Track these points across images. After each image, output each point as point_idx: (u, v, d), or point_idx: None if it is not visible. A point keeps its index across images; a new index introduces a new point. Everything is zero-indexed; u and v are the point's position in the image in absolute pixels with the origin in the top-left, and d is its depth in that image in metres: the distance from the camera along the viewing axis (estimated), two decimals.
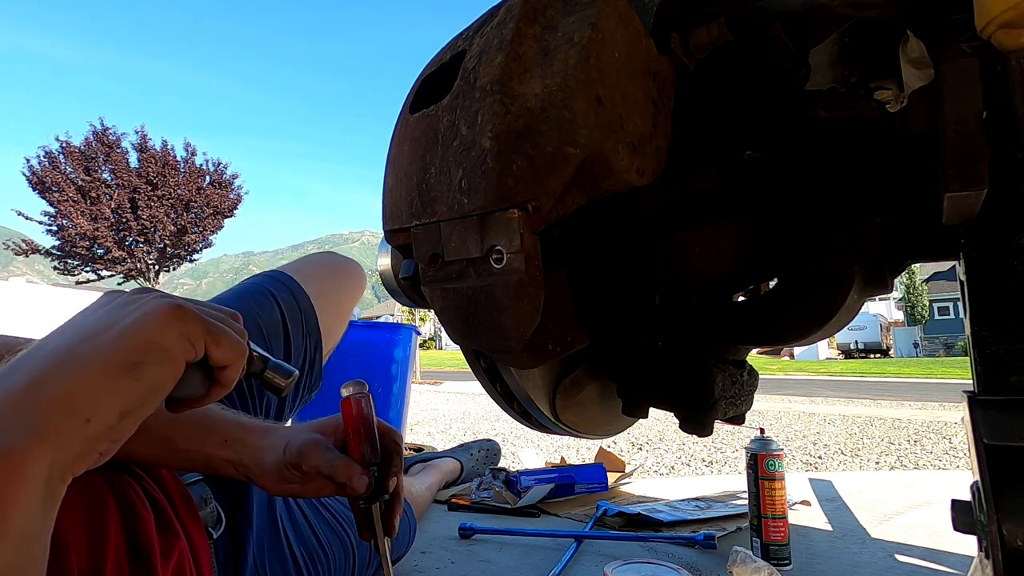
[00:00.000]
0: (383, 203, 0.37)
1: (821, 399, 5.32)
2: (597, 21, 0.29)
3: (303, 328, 0.82)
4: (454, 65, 0.33)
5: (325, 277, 0.91)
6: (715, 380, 0.43)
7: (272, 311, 0.79)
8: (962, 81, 0.30)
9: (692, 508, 1.28)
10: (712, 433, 0.44)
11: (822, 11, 0.33)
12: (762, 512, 0.98)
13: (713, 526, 1.16)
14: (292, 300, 0.83)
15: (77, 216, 17.22)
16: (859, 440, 2.74)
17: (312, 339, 0.84)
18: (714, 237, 0.45)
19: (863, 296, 0.41)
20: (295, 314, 0.82)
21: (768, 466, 0.99)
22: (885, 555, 1.04)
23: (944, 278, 31.09)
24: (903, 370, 11.27)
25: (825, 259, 0.40)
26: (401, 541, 0.93)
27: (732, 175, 0.45)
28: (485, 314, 0.31)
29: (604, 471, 1.47)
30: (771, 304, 0.44)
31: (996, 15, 0.26)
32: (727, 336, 0.46)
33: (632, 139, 0.30)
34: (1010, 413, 0.33)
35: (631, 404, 0.48)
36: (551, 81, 0.28)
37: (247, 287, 0.83)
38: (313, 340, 0.84)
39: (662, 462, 2.18)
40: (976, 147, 0.29)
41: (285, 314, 0.80)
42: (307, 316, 0.84)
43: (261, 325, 0.77)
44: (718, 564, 0.99)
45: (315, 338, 0.85)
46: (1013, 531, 0.31)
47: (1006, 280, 0.34)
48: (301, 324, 0.82)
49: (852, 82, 0.57)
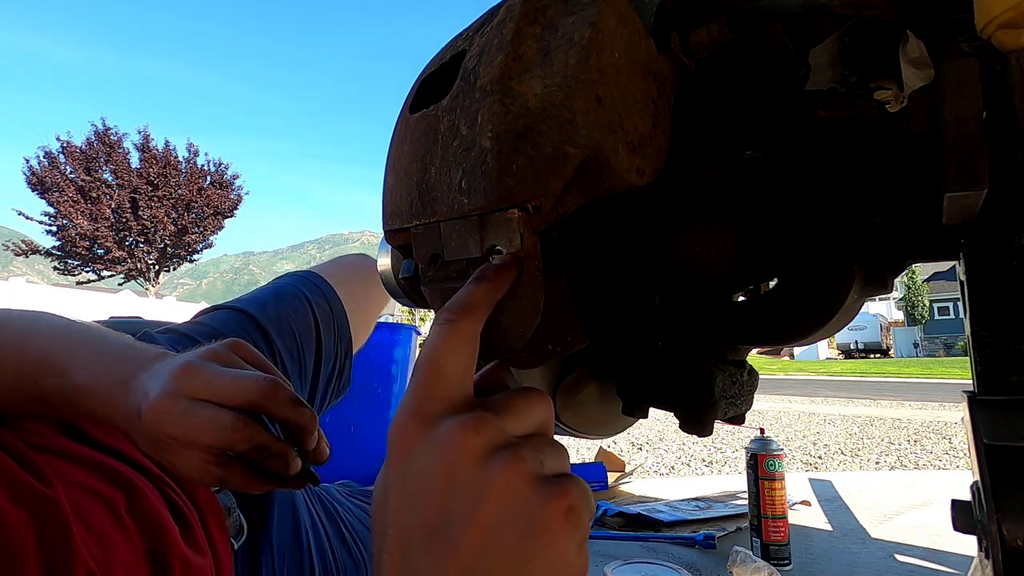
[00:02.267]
0: (383, 203, 0.37)
1: (821, 399, 5.32)
2: (597, 21, 0.29)
3: (335, 333, 0.82)
4: (454, 65, 0.33)
5: (356, 281, 0.90)
6: (715, 380, 0.43)
7: (306, 314, 0.78)
8: (962, 81, 0.30)
9: (692, 508, 1.28)
10: (712, 433, 0.44)
11: (822, 11, 0.33)
12: (762, 512, 0.98)
13: (713, 526, 1.16)
14: (325, 304, 0.82)
15: (77, 216, 17.23)
16: (859, 440, 2.74)
17: (344, 344, 0.83)
18: (714, 237, 0.45)
19: (863, 296, 0.41)
20: (327, 318, 0.81)
21: (768, 466, 0.99)
22: (885, 555, 1.04)
23: (944, 278, 31.10)
24: (903, 370, 11.27)
25: (825, 259, 0.40)
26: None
27: (732, 175, 0.45)
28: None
29: (604, 470, 1.47)
30: (771, 304, 0.44)
31: (996, 15, 0.26)
32: (727, 336, 0.46)
33: (632, 139, 0.30)
34: (1010, 413, 0.33)
35: (631, 404, 0.48)
36: (551, 81, 0.28)
37: (282, 287, 0.82)
38: (344, 346, 0.83)
39: (662, 462, 2.18)
40: (976, 147, 0.29)
41: (318, 318, 0.79)
42: (339, 321, 0.83)
43: (295, 328, 0.76)
44: (718, 564, 0.99)
45: (346, 344, 0.84)
46: (1013, 531, 0.31)
47: (1006, 280, 0.34)
48: (333, 329, 0.81)
49: (852, 82, 0.57)
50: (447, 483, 0.24)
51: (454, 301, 0.28)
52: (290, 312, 0.77)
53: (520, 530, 0.24)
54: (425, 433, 0.25)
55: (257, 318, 0.74)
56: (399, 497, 0.25)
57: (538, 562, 0.24)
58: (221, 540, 0.49)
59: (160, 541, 0.42)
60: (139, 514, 0.42)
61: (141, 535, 0.41)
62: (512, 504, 0.24)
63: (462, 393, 0.27)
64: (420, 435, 0.25)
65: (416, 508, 0.24)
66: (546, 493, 0.24)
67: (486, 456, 0.24)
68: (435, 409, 0.26)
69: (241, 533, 0.54)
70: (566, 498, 0.24)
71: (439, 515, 0.24)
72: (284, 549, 0.60)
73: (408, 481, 0.25)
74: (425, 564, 0.23)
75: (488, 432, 0.25)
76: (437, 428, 0.25)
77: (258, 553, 0.56)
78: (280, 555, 0.59)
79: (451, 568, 0.23)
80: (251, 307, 0.76)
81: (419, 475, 0.24)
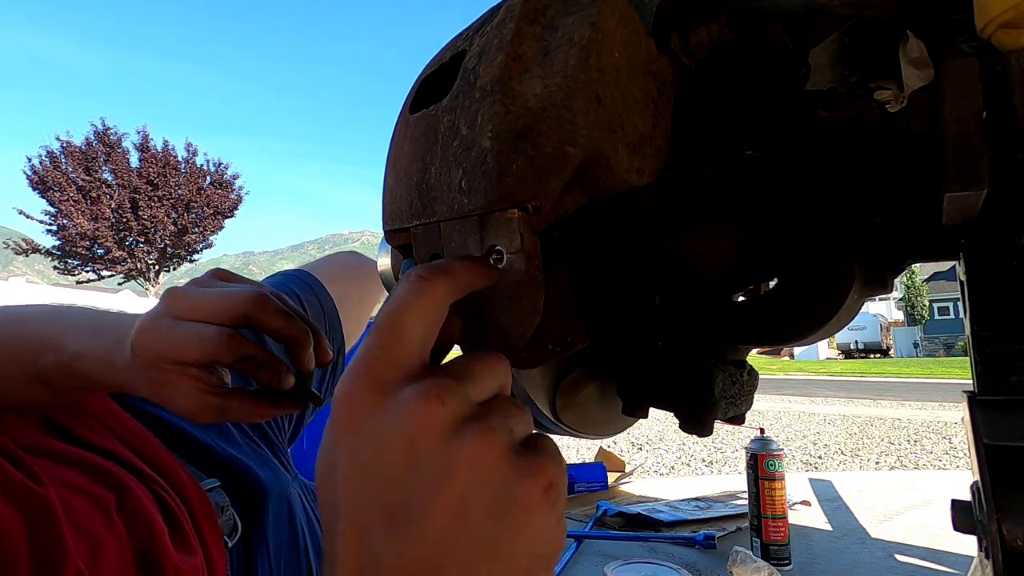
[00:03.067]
0: (383, 203, 0.37)
1: (821, 399, 5.32)
2: (597, 21, 0.28)
3: (327, 331, 0.80)
4: (454, 65, 0.33)
5: (348, 279, 0.89)
6: (715, 380, 0.43)
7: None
8: (962, 81, 0.30)
9: (692, 508, 1.28)
10: (712, 433, 0.44)
11: (822, 11, 0.33)
12: (762, 512, 0.98)
13: (713, 526, 1.16)
14: (317, 302, 0.81)
15: (77, 216, 17.24)
16: (859, 440, 2.74)
17: (336, 341, 0.82)
18: (714, 237, 0.45)
19: (863, 296, 0.41)
20: (319, 317, 0.80)
21: (768, 466, 0.99)
22: (885, 555, 1.04)
23: (944, 278, 31.10)
24: (903, 370, 11.27)
25: (825, 259, 0.40)
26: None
27: (732, 175, 0.45)
28: (485, 314, 0.31)
29: (604, 470, 1.47)
30: (771, 304, 0.44)
31: (996, 15, 0.26)
32: (727, 336, 0.46)
33: (632, 139, 0.30)
34: (1010, 413, 0.33)
35: (631, 404, 0.48)
36: (551, 81, 0.28)
37: (273, 287, 0.81)
38: (336, 344, 0.82)
39: (662, 462, 2.18)
40: (976, 147, 0.29)
41: (309, 316, 0.79)
42: (331, 319, 0.82)
43: None
44: (718, 564, 0.99)
45: (339, 341, 0.83)
46: (1013, 531, 0.31)
47: (1006, 280, 0.34)
48: (325, 327, 0.80)
49: (852, 82, 0.57)
50: (409, 459, 0.22)
51: (432, 264, 0.26)
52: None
53: (494, 508, 0.22)
54: (380, 403, 0.23)
55: None
56: (351, 475, 0.22)
57: (517, 543, 0.22)
58: (213, 539, 0.48)
59: (149, 542, 0.41)
60: (129, 514, 0.42)
61: (131, 536, 0.41)
62: (484, 480, 0.22)
63: (420, 360, 0.24)
64: (375, 404, 0.23)
65: (373, 488, 0.22)
66: (521, 470, 0.22)
67: (453, 428, 0.22)
68: (392, 376, 0.23)
69: (235, 531, 0.54)
70: (544, 475, 0.23)
71: (401, 495, 0.21)
72: (280, 547, 0.60)
73: (362, 456, 0.22)
74: (388, 549, 0.21)
75: (453, 402, 0.23)
76: (395, 398, 0.23)
77: (254, 551, 0.56)
78: (276, 553, 0.59)
79: (418, 552, 0.21)
80: None
81: (376, 451, 0.22)
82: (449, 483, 0.21)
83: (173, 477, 0.49)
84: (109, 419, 0.50)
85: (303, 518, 0.66)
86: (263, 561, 0.56)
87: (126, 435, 0.49)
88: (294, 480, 0.69)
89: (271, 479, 0.61)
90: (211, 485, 0.54)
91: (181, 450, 0.54)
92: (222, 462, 0.57)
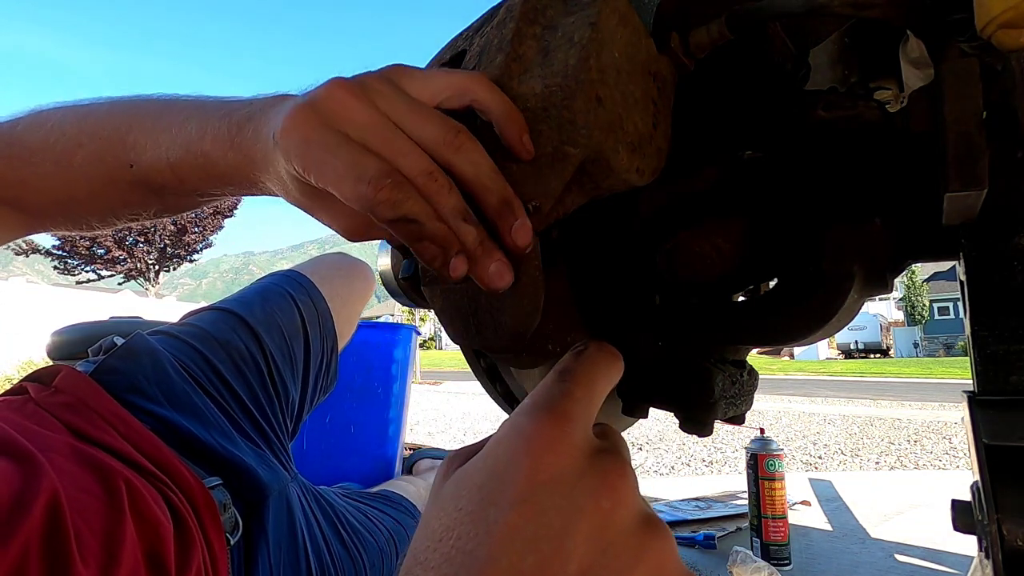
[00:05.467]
0: None
1: (821, 399, 5.32)
2: (597, 21, 0.29)
3: (320, 330, 0.83)
4: (454, 65, 0.33)
5: (338, 279, 0.91)
6: (715, 380, 0.43)
7: (292, 313, 0.79)
8: (962, 81, 0.30)
9: (692, 508, 1.28)
10: (712, 433, 0.44)
11: (822, 11, 0.33)
12: (762, 512, 0.98)
13: (713, 526, 1.16)
14: (310, 302, 0.83)
15: None
16: (859, 440, 2.74)
17: (329, 341, 0.84)
18: (714, 237, 0.45)
19: (863, 296, 0.41)
20: (313, 316, 0.82)
21: (768, 466, 0.99)
22: (885, 555, 1.04)
23: (944, 278, 31.11)
24: (903, 370, 11.27)
25: (825, 259, 0.40)
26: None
27: (732, 175, 0.45)
28: (485, 314, 0.31)
29: None
30: (771, 304, 0.44)
31: (996, 15, 0.26)
32: (727, 336, 0.46)
33: (632, 139, 0.30)
34: (1010, 413, 0.33)
35: (631, 404, 0.48)
36: (551, 81, 0.28)
37: (267, 287, 0.82)
38: (330, 342, 0.85)
39: (662, 462, 2.18)
40: (976, 147, 0.29)
41: (304, 316, 0.80)
42: (324, 318, 0.84)
43: (282, 326, 0.77)
44: (718, 564, 0.99)
45: (331, 340, 0.85)
46: (1013, 531, 0.31)
47: (1006, 280, 0.34)
48: (319, 326, 0.82)
49: (852, 82, 0.57)
50: (599, 538, 0.19)
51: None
52: (277, 311, 0.77)
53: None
54: (576, 459, 0.20)
55: (246, 318, 0.74)
56: (517, 524, 0.19)
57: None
58: (216, 536, 0.49)
59: (157, 543, 0.42)
60: (138, 515, 0.42)
61: (140, 536, 0.41)
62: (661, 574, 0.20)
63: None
64: (569, 457, 0.20)
65: (546, 552, 0.19)
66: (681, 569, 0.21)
67: (644, 519, 0.21)
68: (584, 434, 0.21)
69: (237, 529, 0.54)
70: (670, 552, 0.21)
71: (578, 571, 0.19)
72: (280, 546, 0.61)
73: (543, 512, 0.19)
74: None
75: (636, 484, 0.21)
76: (593, 460, 0.21)
77: (254, 549, 0.57)
78: (276, 551, 0.59)
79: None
80: (239, 307, 0.76)
81: (562, 509, 0.19)
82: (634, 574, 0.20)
83: (177, 476, 0.49)
84: (113, 419, 0.50)
85: (302, 518, 0.67)
86: (263, 559, 0.57)
87: (130, 434, 0.50)
88: (293, 479, 0.69)
89: (271, 478, 0.62)
90: (213, 483, 0.54)
91: (183, 449, 0.55)
92: (223, 461, 0.58)
